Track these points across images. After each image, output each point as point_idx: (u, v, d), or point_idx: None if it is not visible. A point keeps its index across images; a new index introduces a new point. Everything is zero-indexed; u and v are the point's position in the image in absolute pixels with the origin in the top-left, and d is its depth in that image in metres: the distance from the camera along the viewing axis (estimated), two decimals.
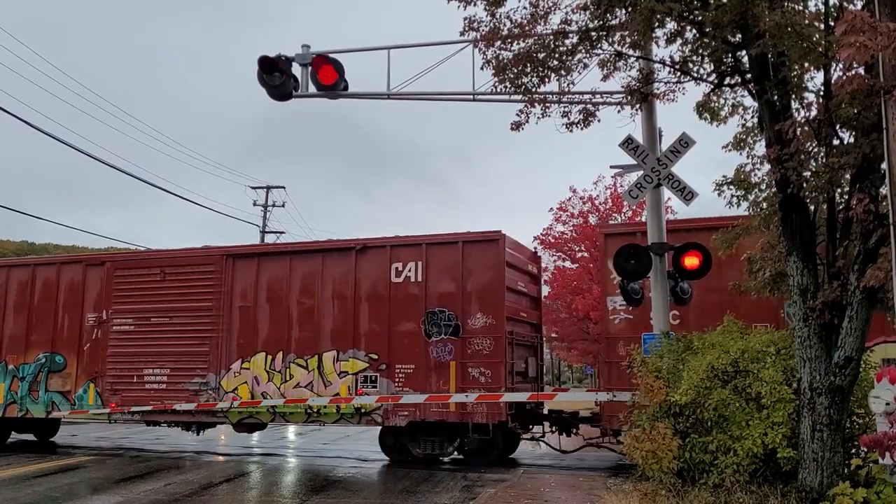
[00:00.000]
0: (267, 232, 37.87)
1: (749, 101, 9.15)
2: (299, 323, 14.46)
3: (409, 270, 13.91)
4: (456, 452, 13.65)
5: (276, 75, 11.45)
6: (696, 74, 9.31)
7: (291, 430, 16.17)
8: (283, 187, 39.12)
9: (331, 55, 11.62)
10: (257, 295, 14.83)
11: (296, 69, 11.72)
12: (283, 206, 38.66)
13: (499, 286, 13.43)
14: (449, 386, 13.22)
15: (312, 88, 11.78)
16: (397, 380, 13.57)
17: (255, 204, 38.25)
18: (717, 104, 9.55)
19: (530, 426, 14.42)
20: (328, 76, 11.57)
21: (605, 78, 9.84)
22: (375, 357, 13.80)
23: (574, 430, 14.01)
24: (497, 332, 13.23)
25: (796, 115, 8.36)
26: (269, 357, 14.44)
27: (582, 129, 10.40)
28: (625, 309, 12.76)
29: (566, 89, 10.20)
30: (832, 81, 7.82)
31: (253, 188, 38.66)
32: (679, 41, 9.18)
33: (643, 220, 13.57)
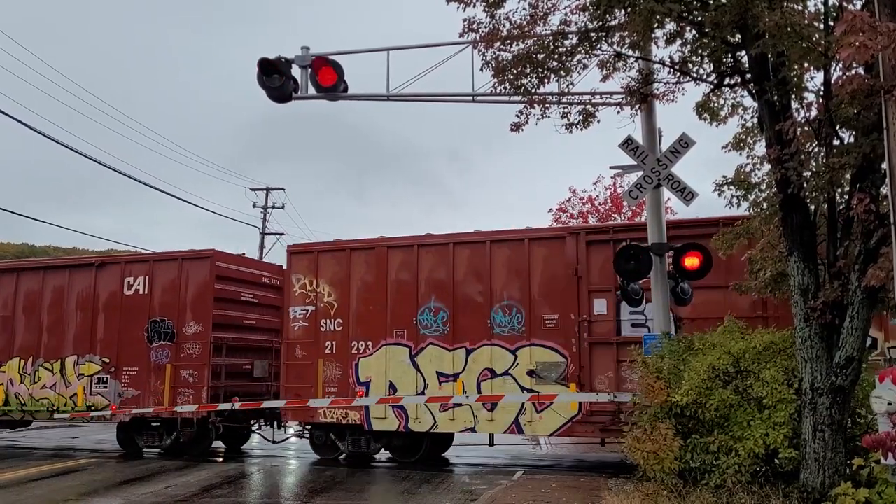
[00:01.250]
0: (267, 234, 37.79)
1: (749, 102, 9.16)
2: (48, 331, 16.15)
3: (139, 284, 15.63)
4: (170, 443, 15.09)
5: (275, 77, 11.43)
6: (695, 75, 9.31)
7: (292, 433, 16.19)
8: (283, 189, 38.93)
9: (330, 57, 11.61)
10: (16, 305, 16.56)
11: (295, 71, 11.70)
12: (282, 207, 38.58)
13: (208, 297, 15.08)
14: (164, 386, 14.88)
15: (312, 90, 11.76)
16: (124, 381, 15.31)
17: (254, 206, 38.18)
18: (716, 104, 9.55)
19: (252, 421, 16.09)
20: (328, 78, 11.56)
21: (604, 78, 9.85)
22: (107, 361, 15.54)
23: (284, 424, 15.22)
24: (204, 339, 14.86)
25: (796, 115, 8.36)
26: (23, 361, 16.25)
27: (581, 129, 10.39)
28: (303, 317, 14.30)
29: (566, 90, 10.20)
30: (832, 81, 7.81)
31: (252, 190, 38.54)
32: (678, 41, 9.19)
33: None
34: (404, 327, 13.54)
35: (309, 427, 14.30)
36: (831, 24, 7.58)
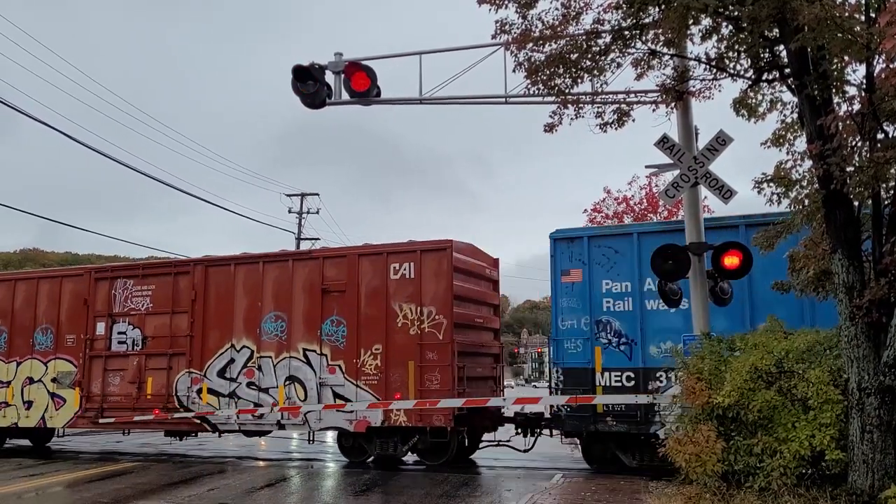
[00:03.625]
0: (302, 239, 38.19)
1: (788, 97, 9.01)
2: None
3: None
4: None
5: (309, 84, 11.58)
6: (732, 71, 9.19)
7: (329, 437, 16.31)
8: (318, 194, 39.32)
9: (363, 62, 11.70)
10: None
11: (329, 77, 11.84)
12: (317, 212, 39.03)
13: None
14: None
15: (346, 96, 11.88)
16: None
17: (290, 211, 38.65)
18: (754, 100, 9.40)
19: None
20: (361, 83, 11.65)
21: (638, 77, 9.77)
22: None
23: None
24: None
25: (838, 109, 8.19)
26: None
27: (616, 129, 10.33)
28: None
29: (599, 89, 10.14)
30: (875, 74, 7.63)
31: (287, 195, 38.98)
32: (715, 37, 9.09)
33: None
34: None
35: None
36: (873, 15, 7.41)
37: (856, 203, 8.30)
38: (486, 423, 14.73)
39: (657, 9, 8.82)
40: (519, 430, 13.97)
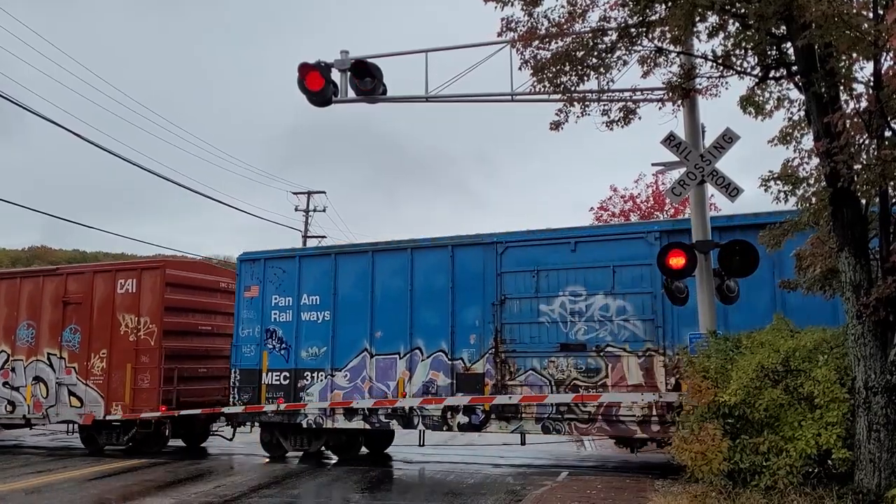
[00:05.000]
0: (309, 237, 38.23)
1: (795, 94, 8.94)
2: None
3: None
4: None
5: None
6: (739, 68, 9.13)
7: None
8: (324, 192, 39.32)
9: (369, 60, 11.71)
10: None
11: (335, 75, 11.84)
12: (324, 210, 39.04)
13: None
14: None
15: (352, 93, 11.88)
16: None
17: (296, 209, 38.67)
18: (761, 98, 9.33)
19: None
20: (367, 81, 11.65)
21: (645, 74, 9.72)
22: None
23: None
24: None
25: (845, 106, 8.13)
26: None
27: (622, 126, 10.28)
28: None
29: (605, 87, 10.11)
30: (883, 71, 7.58)
31: (294, 193, 38.99)
32: (721, 35, 9.02)
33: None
34: None
35: None
36: (881, 12, 7.36)
37: (863, 201, 8.25)
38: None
39: (663, 6, 8.78)
40: (229, 423, 15.96)
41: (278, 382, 14.71)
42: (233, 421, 15.48)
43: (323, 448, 14.80)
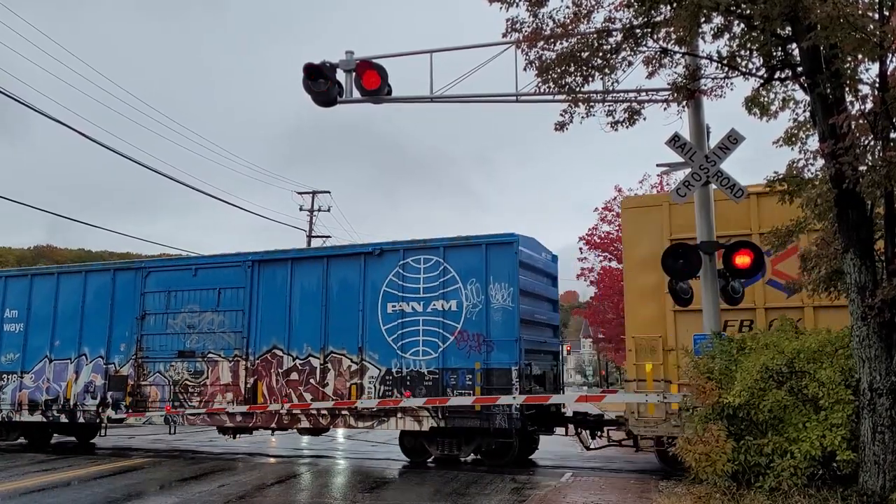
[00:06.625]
0: (313, 236, 38.28)
1: (800, 95, 8.95)
2: None
3: None
4: None
5: (321, 82, 11.61)
6: (744, 69, 9.14)
7: (340, 433, 16.43)
8: (329, 192, 39.37)
9: (374, 60, 11.73)
10: None
11: (340, 75, 11.86)
12: (328, 210, 39.08)
13: None
14: None
15: (356, 94, 11.90)
16: None
17: (301, 209, 38.72)
18: (766, 99, 9.33)
19: None
20: (372, 81, 11.68)
21: (650, 75, 9.74)
22: None
23: None
24: None
25: (850, 108, 8.13)
26: None
27: (627, 127, 10.30)
28: None
29: (610, 88, 10.11)
30: (888, 73, 7.58)
31: (299, 193, 39.05)
32: (726, 36, 9.04)
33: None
34: None
35: None
36: (886, 13, 7.36)
37: (868, 202, 8.25)
38: None
39: (668, 7, 8.79)
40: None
41: None
42: None
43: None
